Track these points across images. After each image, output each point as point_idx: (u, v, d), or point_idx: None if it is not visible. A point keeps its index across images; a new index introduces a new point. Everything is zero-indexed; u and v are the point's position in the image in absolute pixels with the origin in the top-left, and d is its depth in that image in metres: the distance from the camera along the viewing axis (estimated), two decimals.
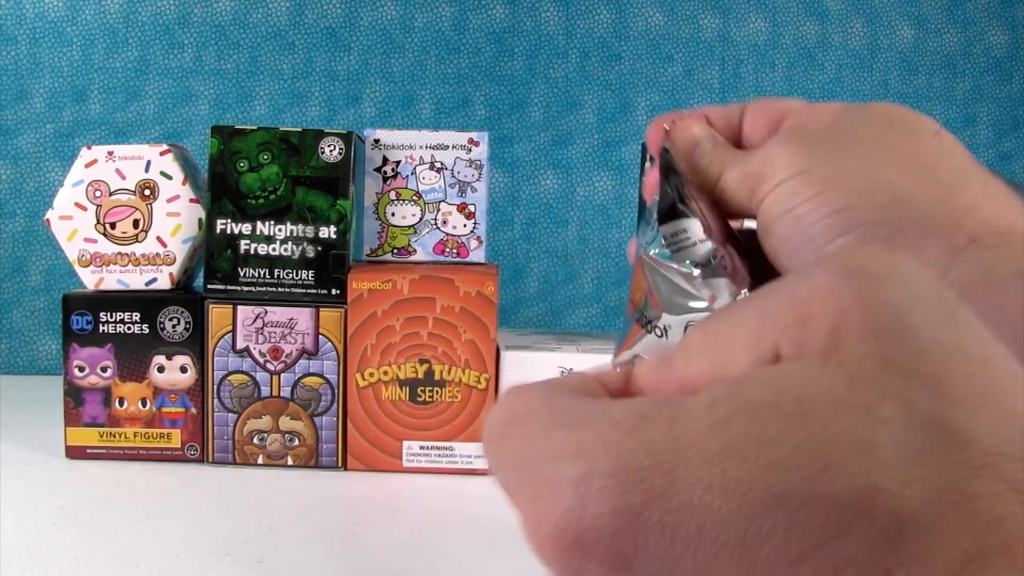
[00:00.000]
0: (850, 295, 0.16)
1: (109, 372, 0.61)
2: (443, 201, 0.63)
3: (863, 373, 0.15)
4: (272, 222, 0.60)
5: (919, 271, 0.17)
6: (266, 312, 0.60)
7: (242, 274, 0.61)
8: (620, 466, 0.16)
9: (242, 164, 0.60)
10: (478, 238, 0.63)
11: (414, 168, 0.63)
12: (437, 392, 0.60)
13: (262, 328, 0.60)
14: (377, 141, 0.63)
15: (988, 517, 0.14)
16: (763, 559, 0.15)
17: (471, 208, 0.63)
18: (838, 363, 0.16)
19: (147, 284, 0.61)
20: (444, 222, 0.63)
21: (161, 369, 0.61)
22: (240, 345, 0.60)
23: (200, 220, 0.61)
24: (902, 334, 0.16)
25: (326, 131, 0.60)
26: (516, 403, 0.20)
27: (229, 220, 0.60)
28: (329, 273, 0.60)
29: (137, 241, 0.61)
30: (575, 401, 0.19)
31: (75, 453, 0.61)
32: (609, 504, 0.16)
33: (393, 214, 0.63)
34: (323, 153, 0.60)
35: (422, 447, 0.60)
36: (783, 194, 0.30)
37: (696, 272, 0.28)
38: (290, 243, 0.61)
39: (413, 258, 0.63)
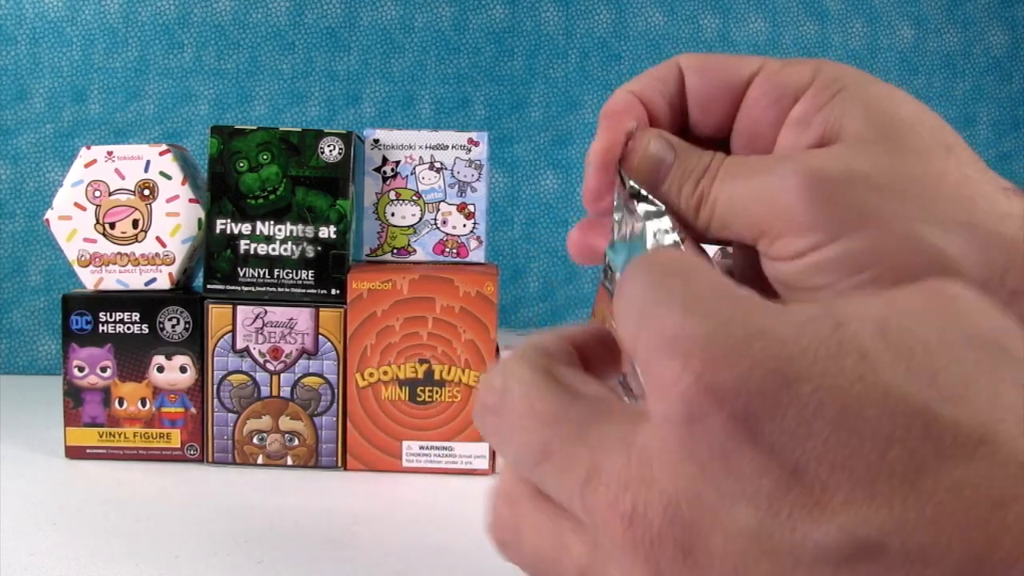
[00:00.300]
0: (949, 303, 0.19)
1: (109, 372, 0.61)
2: (443, 201, 0.63)
3: (980, 341, 0.17)
4: (272, 222, 0.60)
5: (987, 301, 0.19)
6: (266, 312, 0.60)
7: (242, 274, 0.61)
8: (789, 337, 0.17)
9: (242, 164, 0.60)
10: (478, 238, 0.63)
11: (414, 168, 0.63)
12: (437, 392, 0.60)
13: (262, 328, 0.60)
14: (377, 141, 0.63)
15: None
16: (889, 460, 0.16)
17: (471, 208, 0.63)
18: (958, 332, 0.18)
19: (146, 284, 0.61)
20: (444, 222, 0.63)
21: (161, 369, 0.61)
22: (240, 345, 0.60)
23: (200, 220, 0.61)
24: (1006, 329, 0.18)
25: (326, 131, 0.60)
26: (664, 255, 0.20)
27: (229, 220, 0.60)
28: (329, 273, 0.60)
29: (136, 241, 0.61)
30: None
31: (75, 453, 0.61)
32: (770, 364, 0.16)
33: (393, 214, 0.63)
34: (323, 153, 0.60)
35: (422, 447, 0.60)
36: (813, 268, 0.27)
37: None
38: (290, 243, 0.61)
39: (413, 258, 0.63)
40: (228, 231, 0.61)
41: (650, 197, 0.29)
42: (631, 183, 0.29)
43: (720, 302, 0.18)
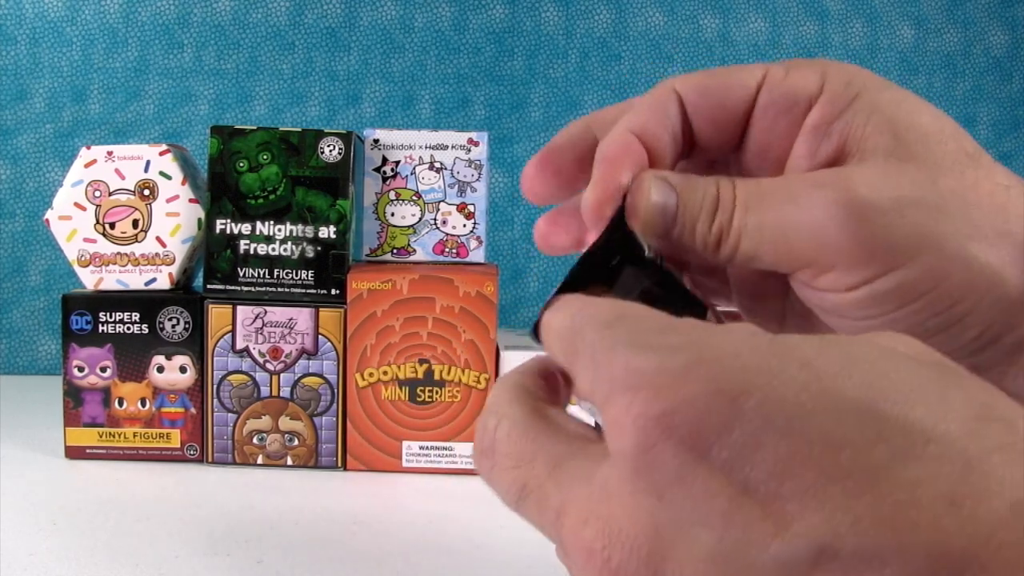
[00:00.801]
0: (901, 340, 0.19)
1: (108, 372, 0.61)
2: (443, 201, 0.63)
3: (924, 362, 0.18)
4: (272, 222, 0.60)
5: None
6: (266, 312, 0.60)
7: (242, 274, 0.61)
8: (729, 355, 0.17)
9: (242, 164, 0.60)
10: (478, 238, 0.63)
11: (414, 168, 0.63)
12: (437, 392, 0.60)
13: (262, 328, 0.60)
14: (376, 141, 0.63)
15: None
16: (843, 463, 0.16)
17: (471, 208, 0.63)
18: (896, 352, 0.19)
19: (146, 284, 0.61)
20: (444, 222, 0.63)
21: (160, 369, 0.61)
22: (240, 345, 0.60)
23: (199, 220, 0.61)
24: (943, 359, 0.19)
25: (326, 131, 0.60)
26: (606, 304, 0.21)
27: (229, 220, 0.60)
28: (329, 273, 0.60)
29: (136, 241, 0.61)
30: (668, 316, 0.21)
31: (74, 453, 0.61)
32: (711, 385, 0.17)
33: (392, 214, 0.63)
34: (323, 153, 0.60)
35: (422, 447, 0.60)
36: (868, 300, 0.26)
37: None
38: (290, 243, 0.61)
39: (413, 258, 0.63)
40: (228, 231, 0.61)
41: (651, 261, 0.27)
42: (641, 239, 0.27)
43: (666, 336, 0.19)
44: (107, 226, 0.61)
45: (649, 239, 0.27)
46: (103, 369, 0.61)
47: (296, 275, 0.60)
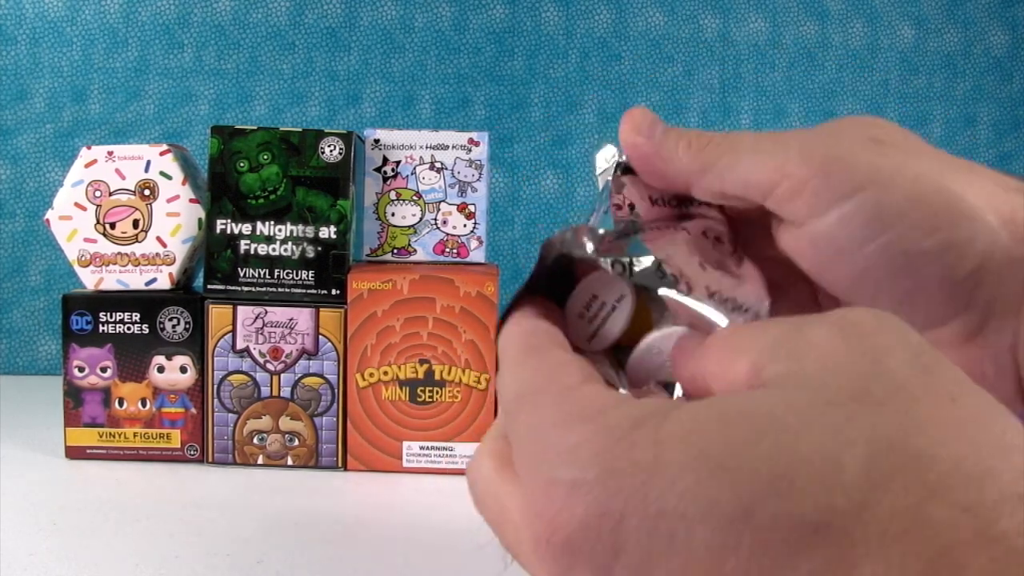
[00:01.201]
0: (843, 347, 0.18)
1: (109, 372, 0.61)
2: (443, 201, 0.63)
3: (837, 400, 0.16)
4: (272, 222, 0.60)
5: (902, 325, 0.18)
6: (266, 312, 0.60)
7: (242, 274, 0.61)
8: (606, 472, 0.17)
9: (242, 164, 0.60)
10: (478, 238, 0.63)
11: (414, 168, 0.63)
12: (437, 392, 0.60)
13: (262, 328, 0.60)
14: (377, 141, 0.63)
15: (940, 544, 0.14)
16: (729, 571, 0.15)
17: (471, 208, 0.63)
18: (815, 390, 0.17)
19: (147, 284, 0.61)
20: (444, 222, 0.63)
21: (161, 369, 0.61)
22: (240, 345, 0.60)
23: (200, 220, 0.61)
24: (878, 374, 0.17)
25: (326, 131, 0.60)
26: (528, 373, 0.21)
27: (229, 220, 0.60)
28: (329, 273, 0.60)
29: (137, 241, 0.61)
30: (581, 387, 0.20)
31: (75, 453, 0.61)
32: (596, 508, 0.17)
33: (393, 214, 0.63)
34: (323, 153, 0.60)
35: (422, 447, 0.60)
36: (838, 227, 0.25)
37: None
38: (290, 243, 0.60)
39: (413, 258, 0.63)
40: (228, 231, 0.60)
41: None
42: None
43: (562, 435, 0.18)
44: (107, 226, 0.61)
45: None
46: (103, 369, 0.61)
47: (296, 275, 0.60)
